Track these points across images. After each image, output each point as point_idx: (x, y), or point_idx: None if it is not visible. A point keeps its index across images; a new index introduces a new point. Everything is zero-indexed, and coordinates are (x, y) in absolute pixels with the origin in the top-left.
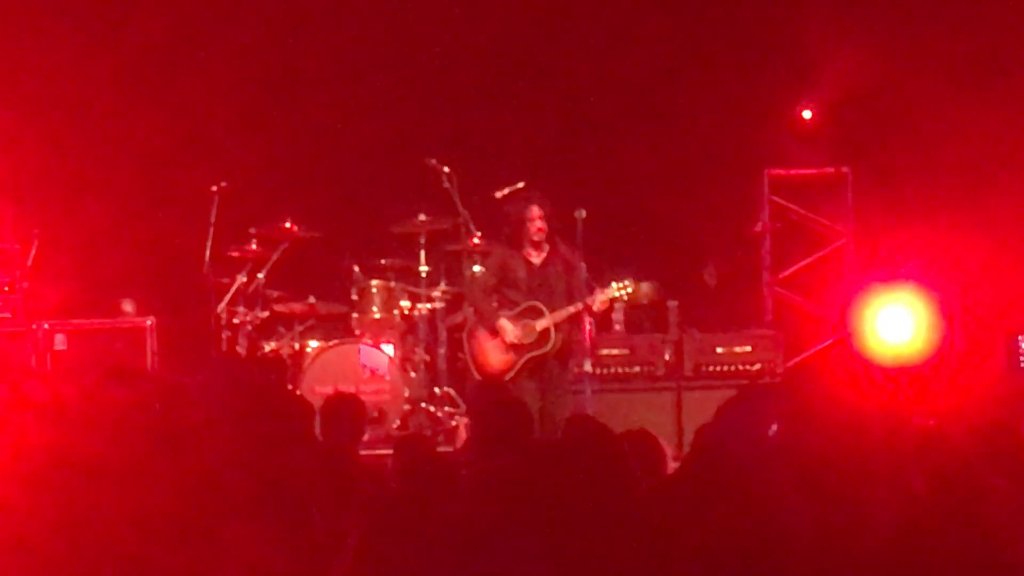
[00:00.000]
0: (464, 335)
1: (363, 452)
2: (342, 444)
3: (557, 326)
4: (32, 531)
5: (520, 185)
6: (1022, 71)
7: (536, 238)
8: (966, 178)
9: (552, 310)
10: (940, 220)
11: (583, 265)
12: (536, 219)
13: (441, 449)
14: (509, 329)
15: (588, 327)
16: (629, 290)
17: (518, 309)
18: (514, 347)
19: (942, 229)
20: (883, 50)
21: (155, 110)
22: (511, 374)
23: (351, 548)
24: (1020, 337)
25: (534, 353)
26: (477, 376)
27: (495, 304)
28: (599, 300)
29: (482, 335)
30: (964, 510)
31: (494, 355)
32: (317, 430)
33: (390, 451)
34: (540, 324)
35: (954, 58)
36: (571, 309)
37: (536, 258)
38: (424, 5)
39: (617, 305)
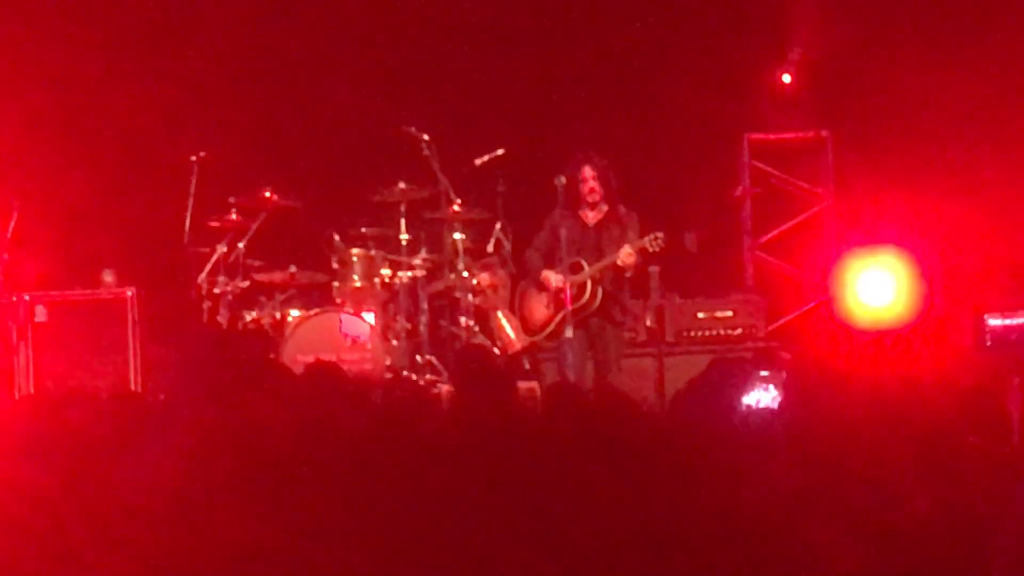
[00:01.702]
0: (516, 296)
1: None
2: (324, 413)
3: (595, 280)
4: (14, 508)
5: (500, 152)
6: (1003, 34)
7: (590, 199)
8: (946, 142)
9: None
10: (921, 184)
11: (637, 228)
12: (589, 179)
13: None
14: (552, 276)
15: (568, 291)
16: (660, 243)
17: (562, 266)
18: (555, 301)
19: (923, 193)
20: (862, 13)
21: (135, 81)
22: (552, 327)
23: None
24: (986, 315)
25: (573, 307)
26: (521, 335)
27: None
28: (624, 253)
29: (530, 292)
30: (944, 472)
31: (537, 310)
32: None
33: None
34: (578, 278)
35: (934, 21)
36: (605, 262)
37: (591, 219)
38: None
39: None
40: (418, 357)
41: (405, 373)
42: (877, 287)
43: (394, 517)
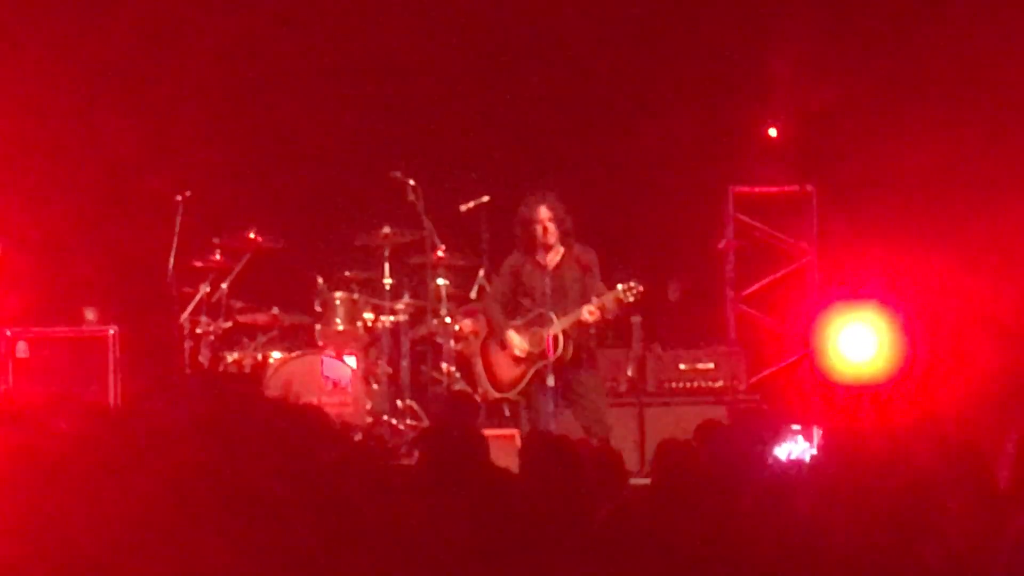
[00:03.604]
0: (477, 347)
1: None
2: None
3: (567, 332)
4: None
5: (485, 199)
6: (984, 91)
7: (546, 240)
8: (929, 198)
9: (564, 315)
10: (903, 239)
11: (596, 267)
12: (544, 220)
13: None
14: (516, 342)
15: (548, 341)
16: (637, 292)
17: (527, 317)
18: (524, 359)
19: (905, 248)
20: (847, 69)
21: (120, 116)
22: (522, 385)
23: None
24: None
25: (544, 363)
26: (492, 391)
27: (502, 315)
28: (586, 311)
29: (493, 347)
30: (926, 530)
31: (505, 368)
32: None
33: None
34: (549, 332)
35: (919, 79)
36: (577, 314)
37: (548, 262)
38: (391, 16)
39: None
40: (399, 402)
41: (385, 418)
42: (859, 342)
43: (369, 558)
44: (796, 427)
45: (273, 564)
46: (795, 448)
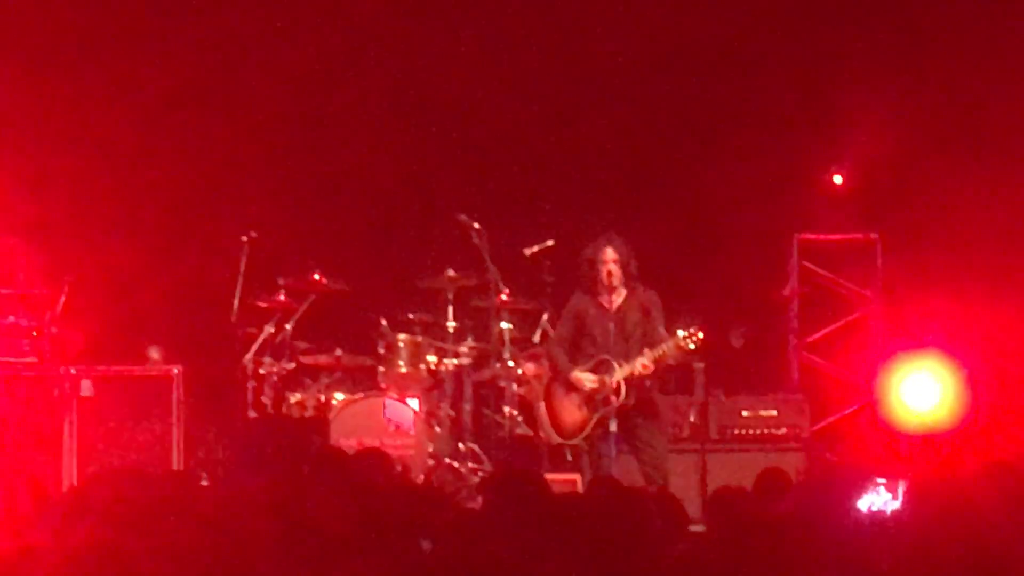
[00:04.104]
0: (541, 392)
1: None
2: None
3: (628, 380)
4: None
5: (549, 243)
6: None
7: (611, 283)
8: (994, 248)
9: (627, 359)
10: (967, 288)
11: (659, 310)
12: (609, 262)
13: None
14: (586, 378)
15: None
16: (697, 339)
17: (589, 364)
18: (587, 403)
19: (969, 297)
20: (914, 117)
21: (186, 156)
22: (587, 431)
23: None
24: None
25: (607, 409)
26: (554, 436)
27: (566, 359)
28: (639, 364)
29: (557, 391)
30: None
31: (568, 412)
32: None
33: None
34: (611, 378)
35: (984, 126)
36: (638, 363)
37: (611, 304)
38: (457, 59)
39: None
40: (461, 445)
41: (447, 460)
42: (922, 391)
43: None
44: (880, 480)
45: None
46: (877, 500)
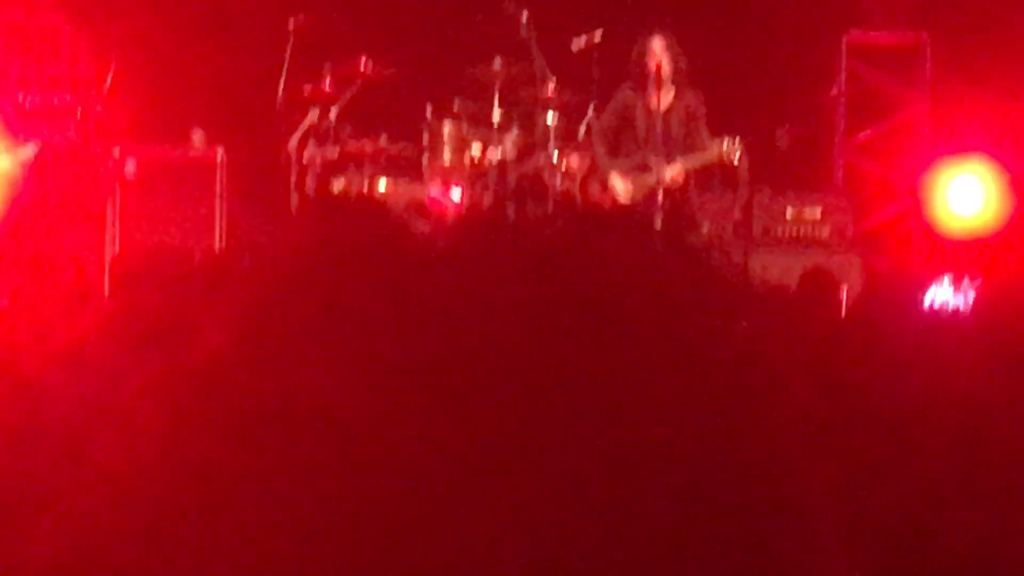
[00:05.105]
0: (577, 186)
1: None
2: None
3: (667, 184)
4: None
5: (598, 38)
6: None
7: (659, 77)
8: None
9: (668, 161)
10: (1016, 94)
11: (703, 113)
12: (657, 53)
13: None
14: (620, 187)
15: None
16: (737, 150)
17: (630, 162)
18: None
19: (1017, 103)
20: None
21: None
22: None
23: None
24: None
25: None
26: None
27: (607, 154)
28: (669, 176)
29: (593, 186)
30: None
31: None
32: None
33: None
34: (648, 180)
35: None
36: (677, 169)
37: (659, 102)
38: None
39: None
40: None
41: None
42: (967, 195)
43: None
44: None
45: (377, 379)
46: (941, 294)
